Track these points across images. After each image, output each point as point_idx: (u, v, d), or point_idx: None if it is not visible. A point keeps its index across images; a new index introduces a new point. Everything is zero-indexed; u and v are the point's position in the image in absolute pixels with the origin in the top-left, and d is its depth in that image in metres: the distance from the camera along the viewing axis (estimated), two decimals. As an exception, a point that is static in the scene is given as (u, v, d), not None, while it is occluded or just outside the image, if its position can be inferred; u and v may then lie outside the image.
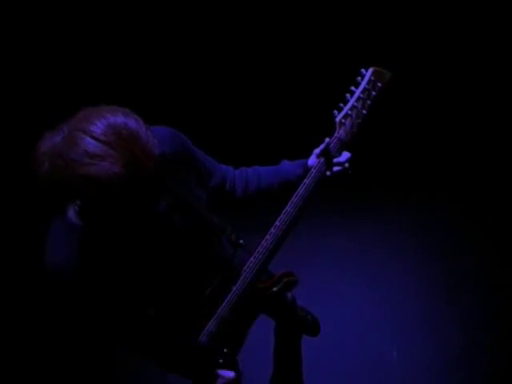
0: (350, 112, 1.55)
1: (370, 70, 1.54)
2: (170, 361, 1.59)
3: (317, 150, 1.58)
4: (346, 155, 1.59)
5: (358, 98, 1.55)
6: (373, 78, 1.53)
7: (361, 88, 1.54)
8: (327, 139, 1.56)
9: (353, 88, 1.53)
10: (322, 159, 1.55)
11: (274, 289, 1.59)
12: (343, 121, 1.55)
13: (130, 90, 3.01)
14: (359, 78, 1.54)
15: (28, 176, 1.28)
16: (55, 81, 3.25)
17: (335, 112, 1.54)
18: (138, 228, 1.37)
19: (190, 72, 3.41)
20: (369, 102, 1.55)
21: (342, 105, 1.54)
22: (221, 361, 1.56)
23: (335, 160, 1.58)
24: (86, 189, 1.17)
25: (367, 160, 1.66)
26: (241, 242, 1.59)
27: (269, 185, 1.68)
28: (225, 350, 1.56)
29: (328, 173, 1.56)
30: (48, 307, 2.63)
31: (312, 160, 1.60)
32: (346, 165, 1.60)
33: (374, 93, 1.54)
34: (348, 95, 1.54)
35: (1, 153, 3.18)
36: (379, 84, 1.54)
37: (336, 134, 1.56)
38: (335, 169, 1.59)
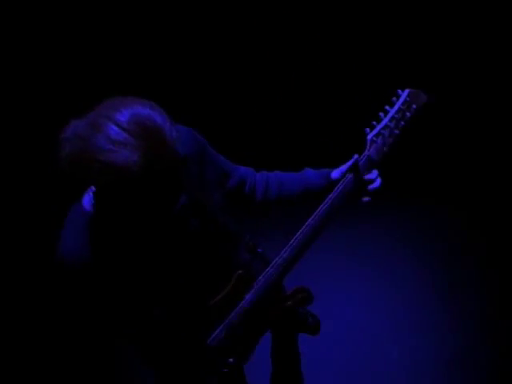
0: (382, 131, 1.53)
1: (406, 91, 1.51)
2: (170, 362, 1.56)
3: (343, 166, 1.56)
4: (375, 173, 1.56)
5: (392, 118, 1.52)
6: (408, 99, 1.51)
7: (395, 108, 1.51)
8: (356, 155, 1.54)
9: (387, 107, 1.51)
10: (350, 175, 1.52)
11: (289, 303, 1.55)
12: (375, 139, 1.53)
13: (132, 91, 3.00)
14: (394, 98, 1.51)
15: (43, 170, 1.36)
16: (58, 80, 3.27)
17: (367, 130, 1.52)
18: (151, 224, 1.37)
19: (191, 73, 3.43)
20: (402, 122, 1.52)
21: (374, 123, 1.52)
22: (225, 370, 1.53)
23: (365, 177, 1.54)
24: (103, 175, 1.17)
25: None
26: (259, 250, 1.58)
27: (290, 191, 1.67)
28: (230, 360, 1.54)
29: (353, 188, 1.53)
30: (53, 302, 2.67)
31: (336, 173, 1.58)
32: (375, 185, 1.56)
33: (408, 114, 1.52)
34: (382, 114, 1.51)
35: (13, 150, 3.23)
36: (414, 106, 1.52)
37: (366, 152, 1.53)
38: (369, 187, 1.56)
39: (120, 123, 1.16)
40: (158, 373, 1.58)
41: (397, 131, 1.52)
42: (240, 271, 1.53)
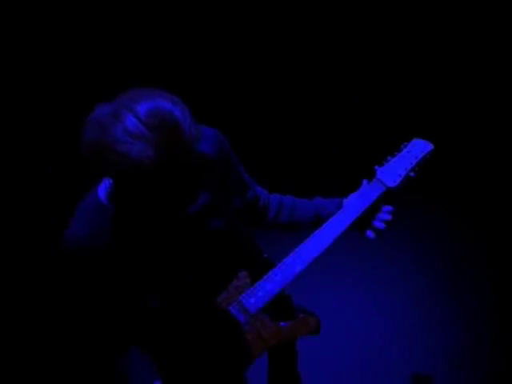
0: (391, 164, 1.65)
1: (413, 141, 1.66)
2: (171, 359, 1.55)
3: (355, 194, 1.63)
4: (386, 207, 1.62)
5: (401, 157, 1.65)
6: (415, 147, 1.66)
7: (403, 152, 1.66)
8: (365, 180, 1.64)
9: (396, 152, 1.67)
10: (358, 196, 1.58)
11: (291, 333, 1.56)
12: (384, 171, 1.64)
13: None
14: (402, 146, 1.66)
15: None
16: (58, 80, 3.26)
17: (376, 167, 1.64)
18: (166, 219, 1.35)
19: (191, 74, 3.43)
20: (412, 162, 1.65)
21: (384, 162, 1.66)
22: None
23: (373, 202, 1.58)
24: (117, 165, 1.16)
25: (367, 160, 1.70)
26: (265, 256, 1.63)
27: (300, 217, 1.68)
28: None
29: (361, 211, 1.57)
30: (56, 291, 2.61)
31: (348, 200, 1.63)
32: (384, 217, 1.61)
33: (416, 158, 1.66)
34: (390, 156, 1.66)
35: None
36: (422, 152, 1.66)
37: (374, 179, 1.62)
38: (376, 215, 1.61)
39: (139, 115, 1.14)
40: (159, 370, 1.57)
41: (407, 165, 1.64)
42: (243, 271, 1.54)
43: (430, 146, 1.69)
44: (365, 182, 1.65)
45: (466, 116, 3.35)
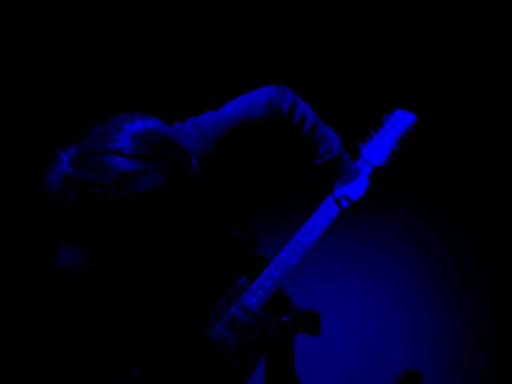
0: (375, 141, 1.62)
1: (395, 113, 1.62)
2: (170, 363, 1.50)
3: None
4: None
5: (385, 131, 1.62)
6: (398, 121, 1.62)
7: (386, 125, 1.62)
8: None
9: (378, 127, 1.63)
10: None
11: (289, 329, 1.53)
12: (369, 149, 1.61)
13: (131, 93, 3.03)
14: (385, 119, 1.63)
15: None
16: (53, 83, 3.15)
17: (361, 145, 1.62)
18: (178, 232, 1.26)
19: (191, 74, 3.37)
20: (396, 137, 1.62)
21: (367, 138, 1.63)
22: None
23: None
24: (136, 209, 1.07)
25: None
26: (259, 252, 1.60)
27: (321, 134, 1.53)
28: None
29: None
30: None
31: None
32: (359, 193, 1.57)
33: (400, 132, 1.62)
34: (373, 131, 1.63)
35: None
36: (405, 125, 1.62)
37: (359, 159, 1.60)
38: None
39: (125, 153, 1.06)
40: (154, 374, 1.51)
41: (392, 140, 1.61)
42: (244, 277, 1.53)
43: (413, 117, 1.64)
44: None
45: (468, 115, 3.33)
